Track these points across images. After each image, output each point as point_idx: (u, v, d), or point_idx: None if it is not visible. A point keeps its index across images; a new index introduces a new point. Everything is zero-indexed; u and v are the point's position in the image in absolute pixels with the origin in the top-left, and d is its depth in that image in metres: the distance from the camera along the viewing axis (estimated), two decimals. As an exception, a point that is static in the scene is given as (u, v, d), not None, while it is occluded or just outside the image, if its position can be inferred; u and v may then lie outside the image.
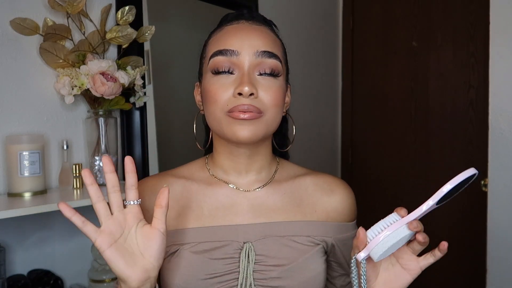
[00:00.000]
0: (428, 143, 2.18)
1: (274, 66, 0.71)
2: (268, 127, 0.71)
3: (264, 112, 0.69)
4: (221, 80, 0.70)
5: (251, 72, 0.70)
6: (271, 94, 0.70)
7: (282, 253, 0.74)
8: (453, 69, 2.09)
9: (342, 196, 0.82)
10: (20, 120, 1.19)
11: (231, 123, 0.69)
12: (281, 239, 0.74)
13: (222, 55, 0.70)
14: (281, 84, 0.73)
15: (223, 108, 0.69)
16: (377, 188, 2.37)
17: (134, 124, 1.41)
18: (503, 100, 1.59)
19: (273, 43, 0.73)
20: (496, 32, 1.61)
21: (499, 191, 1.62)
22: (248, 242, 0.73)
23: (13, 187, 1.10)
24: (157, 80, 1.47)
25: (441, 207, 0.68)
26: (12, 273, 1.17)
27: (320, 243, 0.77)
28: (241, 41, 0.70)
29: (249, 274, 0.71)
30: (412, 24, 2.22)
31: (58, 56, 1.20)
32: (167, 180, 0.79)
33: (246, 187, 0.78)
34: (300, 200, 0.79)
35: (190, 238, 0.74)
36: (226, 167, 0.78)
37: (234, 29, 0.73)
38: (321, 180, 0.82)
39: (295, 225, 0.76)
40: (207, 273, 0.71)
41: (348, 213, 0.82)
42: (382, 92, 2.34)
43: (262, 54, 0.70)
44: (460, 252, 2.08)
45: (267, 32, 0.74)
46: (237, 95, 0.68)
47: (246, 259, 0.72)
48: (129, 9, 1.28)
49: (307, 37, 2.25)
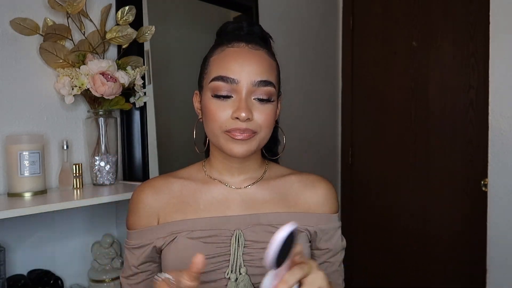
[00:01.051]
0: (428, 143, 2.18)
1: (268, 93, 0.80)
2: (260, 143, 0.82)
3: (257, 132, 0.79)
4: (219, 102, 0.79)
5: (248, 97, 0.79)
6: (265, 117, 0.80)
7: (269, 238, 0.76)
8: (453, 69, 2.09)
9: (323, 190, 0.90)
10: (20, 120, 1.19)
11: (228, 140, 0.79)
12: (268, 227, 0.83)
13: (222, 81, 0.79)
14: (274, 106, 0.82)
15: (221, 127, 0.79)
16: (377, 188, 2.37)
17: (134, 124, 1.41)
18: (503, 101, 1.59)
19: (269, 70, 0.81)
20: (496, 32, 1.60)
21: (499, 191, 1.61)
22: (239, 229, 0.82)
23: (13, 187, 1.10)
24: (157, 80, 1.47)
25: (441, 207, 0.66)
26: (12, 273, 1.17)
27: (304, 231, 0.86)
28: (241, 68, 0.78)
29: (239, 256, 0.80)
30: (412, 24, 2.22)
31: (58, 56, 1.20)
32: (169, 180, 0.88)
33: (238, 185, 0.88)
34: (285, 195, 0.89)
35: (187, 227, 0.83)
36: (220, 169, 0.88)
37: (235, 54, 0.80)
38: (305, 177, 0.92)
39: (281, 215, 0.85)
40: None
41: (329, 205, 0.90)
42: (382, 92, 2.34)
43: (259, 84, 0.79)
44: (460, 252, 2.08)
45: (265, 58, 0.82)
46: (235, 118, 0.77)
47: (236, 242, 0.81)
48: (129, 9, 1.28)
49: (307, 37, 2.25)
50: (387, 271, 2.34)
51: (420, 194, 2.21)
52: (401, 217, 2.28)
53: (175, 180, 0.88)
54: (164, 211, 0.85)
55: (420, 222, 2.21)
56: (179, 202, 0.86)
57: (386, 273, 2.34)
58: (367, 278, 2.42)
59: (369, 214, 2.37)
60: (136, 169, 1.40)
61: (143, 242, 0.84)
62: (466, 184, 2.05)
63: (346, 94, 2.49)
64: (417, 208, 2.22)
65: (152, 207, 0.85)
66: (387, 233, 2.33)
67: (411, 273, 2.25)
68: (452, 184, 2.10)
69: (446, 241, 2.13)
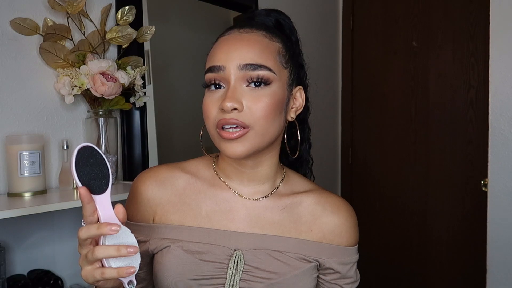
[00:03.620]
0: (428, 143, 2.18)
1: (261, 76, 0.69)
2: (260, 140, 0.70)
3: (250, 125, 0.68)
4: (211, 95, 0.71)
5: (238, 85, 0.69)
6: (259, 106, 0.68)
7: (272, 266, 0.74)
8: (453, 69, 2.09)
9: (342, 219, 0.79)
10: (20, 120, 1.19)
11: (220, 141, 0.70)
12: (272, 252, 0.74)
13: (211, 71, 0.71)
14: (275, 91, 0.70)
15: (214, 124, 0.70)
16: (377, 188, 2.37)
17: (134, 124, 1.41)
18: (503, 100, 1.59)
19: (260, 52, 0.70)
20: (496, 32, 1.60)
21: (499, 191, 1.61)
22: (239, 250, 0.73)
23: (13, 187, 1.10)
24: (157, 80, 1.47)
25: (441, 207, 0.66)
26: (12, 273, 1.17)
27: (313, 261, 0.76)
28: (226, 54, 0.70)
29: (235, 282, 0.72)
30: (412, 24, 2.22)
31: (58, 56, 1.19)
32: (174, 173, 0.79)
33: (247, 195, 0.77)
34: (298, 217, 0.78)
35: (184, 236, 0.75)
36: (229, 173, 0.78)
37: (223, 42, 0.73)
38: (324, 199, 0.80)
39: (288, 241, 0.76)
40: (196, 274, 0.73)
41: (346, 237, 0.79)
42: (382, 92, 2.34)
43: (245, 67, 0.69)
44: (460, 252, 2.08)
45: (256, 40, 0.72)
46: (221, 110, 0.68)
47: (234, 266, 0.72)
48: (129, 9, 1.28)
49: (307, 37, 2.25)
50: (387, 271, 2.34)
51: (420, 194, 2.21)
52: (401, 217, 2.28)
53: (181, 175, 0.79)
54: (162, 209, 0.77)
55: (420, 222, 2.21)
56: (180, 202, 0.77)
57: (386, 272, 2.34)
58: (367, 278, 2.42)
59: (369, 214, 2.37)
60: (136, 169, 1.40)
61: (139, 238, 0.74)
62: (466, 184, 2.05)
63: (346, 94, 2.49)
64: (417, 208, 2.22)
65: (151, 201, 0.77)
66: (387, 233, 2.33)
67: (411, 273, 2.25)
68: (452, 184, 2.10)
69: (446, 241, 2.13)
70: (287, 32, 0.81)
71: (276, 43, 0.74)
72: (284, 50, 0.75)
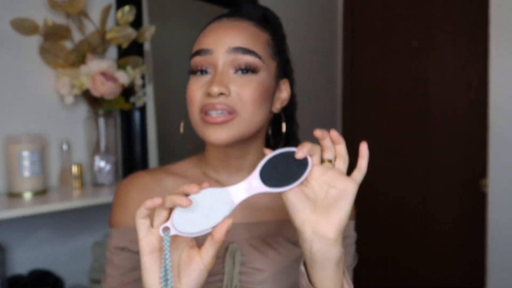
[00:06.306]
0: (428, 143, 2.18)
1: (250, 62, 0.67)
2: (246, 127, 0.68)
3: (238, 111, 0.66)
4: (197, 80, 0.69)
5: (225, 70, 0.67)
6: (248, 91, 0.67)
7: (270, 253, 0.72)
8: (453, 69, 2.09)
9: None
10: (20, 120, 1.19)
11: (204, 126, 0.67)
12: (269, 240, 0.72)
13: (198, 55, 0.69)
14: (263, 80, 0.69)
15: (198, 108, 0.68)
16: (377, 188, 2.37)
17: (134, 124, 1.41)
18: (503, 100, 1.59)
19: (250, 38, 0.69)
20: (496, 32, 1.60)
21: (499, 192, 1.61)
22: (234, 243, 0.71)
23: (13, 187, 1.10)
24: (157, 80, 1.47)
25: (441, 207, 0.65)
26: (12, 273, 1.17)
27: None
28: (216, 39, 0.68)
29: (234, 276, 0.69)
30: (412, 24, 2.22)
31: (58, 56, 1.20)
32: (159, 177, 0.76)
33: None
34: None
35: None
36: (217, 166, 0.76)
37: (212, 28, 0.71)
38: None
39: (285, 224, 0.73)
40: None
41: None
42: (382, 92, 2.34)
43: (235, 51, 0.67)
44: (460, 252, 2.08)
45: (246, 27, 0.70)
46: (208, 95, 0.66)
47: (231, 260, 0.70)
48: (129, 9, 1.28)
49: (307, 37, 2.25)
50: (387, 270, 2.34)
51: (420, 194, 2.21)
52: (401, 217, 2.28)
53: (167, 176, 0.77)
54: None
55: (420, 221, 2.21)
56: None
57: (385, 272, 2.34)
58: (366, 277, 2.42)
59: (369, 213, 2.37)
60: (136, 169, 1.40)
61: (132, 243, 0.70)
62: (466, 184, 2.05)
63: (346, 94, 2.49)
64: (417, 208, 2.22)
65: (136, 206, 0.70)
66: (387, 233, 2.33)
67: (411, 273, 2.25)
68: (451, 184, 2.10)
69: (446, 241, 2.13)
70: (274, 26, 0.80)
71: (265, 34, 0.73)
72: (273, 42, 0.74)
